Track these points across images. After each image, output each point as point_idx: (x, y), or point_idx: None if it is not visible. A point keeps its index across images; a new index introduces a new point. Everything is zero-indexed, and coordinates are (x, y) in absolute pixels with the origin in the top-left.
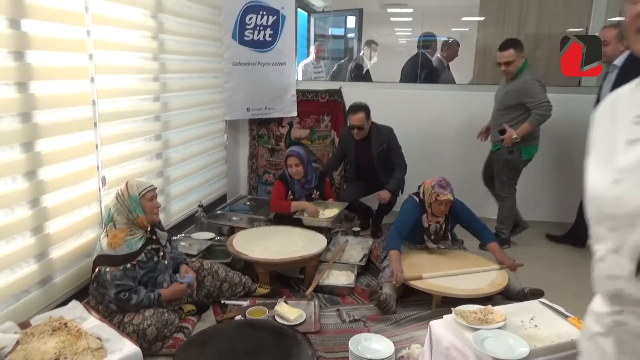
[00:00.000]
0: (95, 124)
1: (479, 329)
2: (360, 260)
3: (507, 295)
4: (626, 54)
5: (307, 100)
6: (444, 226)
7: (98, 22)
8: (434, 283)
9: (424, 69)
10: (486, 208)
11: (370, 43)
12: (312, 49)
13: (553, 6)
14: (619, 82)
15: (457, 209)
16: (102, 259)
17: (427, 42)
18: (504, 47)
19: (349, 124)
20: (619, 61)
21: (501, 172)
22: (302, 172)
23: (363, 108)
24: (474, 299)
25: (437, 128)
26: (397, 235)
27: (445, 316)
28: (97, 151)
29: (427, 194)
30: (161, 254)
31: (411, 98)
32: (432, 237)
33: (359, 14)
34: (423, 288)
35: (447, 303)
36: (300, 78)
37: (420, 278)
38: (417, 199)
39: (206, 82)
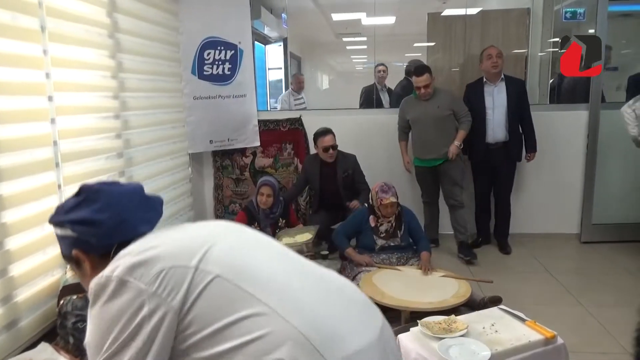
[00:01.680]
0: (57, 165)
1: (443, 338)
2: None
3: (471, 305)
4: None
5: (269, 130)
6: (394, 224)
7: (57, 65)
8: (402, 299)
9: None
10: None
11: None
12: (292, 79)
13: (493, 31)
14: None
15: (406, 215)
16: (67, 289)
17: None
18: (420, 72)
19: (322, 146)
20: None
21: (458, 179)
22: (270, 203)
23: (331, 130)
24: (440, 311)
25: (397, 150)
26: (342, 235)
27: (412, 329)
28: (60, 191)
29: (373, 199)
30: None
31: (371, 123)
32: (383, 235)
33: (284, 43)
34: (391, 304)
35: (415, 318)
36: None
37: (395, 268)
38: (366, 205)
39: (168, 117)
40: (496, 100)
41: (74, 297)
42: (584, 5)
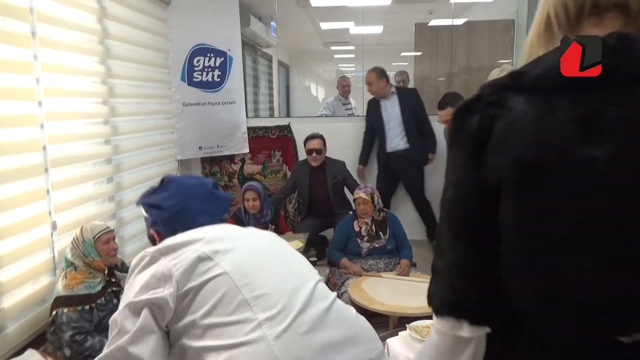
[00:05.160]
0: (46, 170)
1: None
2: None
3: None
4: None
5: (258, 137)
6: (374, 227)
7: (47, 70)
8: (390, 304)
9: None
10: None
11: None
12: (337, 83)
13: (479, 41)
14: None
15: (390, 219)
16: (60, 301)
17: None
18: (442, 106)
19: (307, 148)
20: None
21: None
22: (258, 206)
23: (320, 136)
24: (429, 316)
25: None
26: (336, 250)
27: (400, 333)
28: (48, 196)
29: (353, 201)
30: (121, 296)
31: (360, 130)
32: (366, 238)
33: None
34: (380, 310)
35: (403, 323)
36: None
37: (380, 276)
38: (350, 213)
39: (157, 123)
40: (390, 114)
41: (66, 310)
42: None
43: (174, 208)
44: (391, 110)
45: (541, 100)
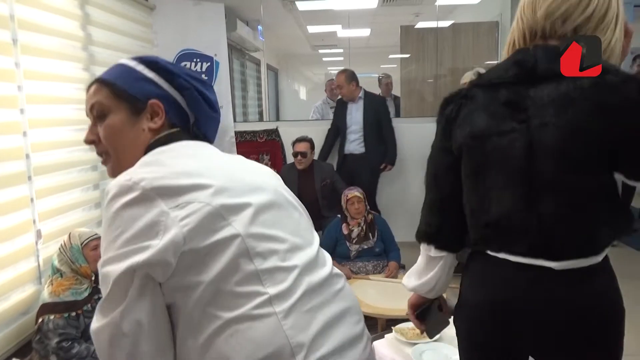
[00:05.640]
0: (29, 178)
1: (417, 344)
2: None
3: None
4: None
5: (246, 141)
6: (365, 228)
7: (30, 78)
8: (379, 306)
9: None
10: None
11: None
12: (326, 86)
13: (464, 43)
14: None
15: (378, 222)
16: (46, 308)
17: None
18: None
19: (293, 151)
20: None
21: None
22: None
23: (309, 139)
24: None
25: None
26: None
27: (386, 335)
28: (32, 204)
29: (343, 202)
30: None
31: None
32: (355, 240)
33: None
34: (369, 313)
35: (392, 325)
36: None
37: (368, 278)
38: (339, 216)
39: None
40: (354, 117)
41: (52, 316)
42: None
43: (192, 92)
44: (355, 114)
45: (491, 92)
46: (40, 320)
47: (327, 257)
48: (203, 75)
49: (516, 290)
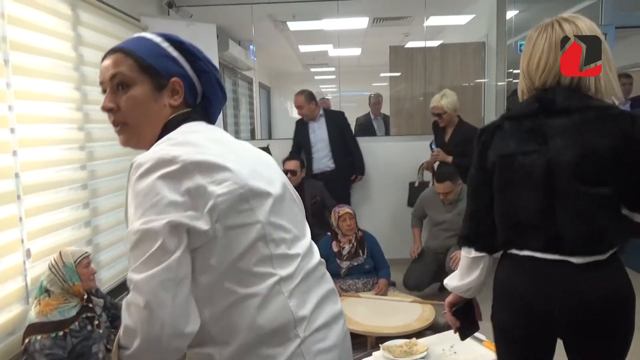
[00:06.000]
0: (18, 197)
1: None
2: None
3: (435, 328)
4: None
5: None
6: (355, 245)
7: (20, 97)
8: (368, 324)
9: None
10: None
11: (375, 95)
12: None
13: (452, 63)
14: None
15: (368, 239)
16: (33, 328)
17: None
18: (441, 180)
19: (283, 169)
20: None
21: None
22: None
23: (298, 157)
24: (405, 335)
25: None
26: None
27: (374, 353)
28: (21, 224)
29: (333, 220)
30: (96, 322)
31: None
32: (345, 257)
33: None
34: (358, 330)
35: (381, 343)
36: None
37: (358, 296)
38: (329, 234)
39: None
40: (318, 135)
41: (39, 337)
42: None
43: (211, 77)
44: (319, 132)
45: (516, 122)
46: (27, 340)
47: (316, 247)
48: None
49: (542, 281)
